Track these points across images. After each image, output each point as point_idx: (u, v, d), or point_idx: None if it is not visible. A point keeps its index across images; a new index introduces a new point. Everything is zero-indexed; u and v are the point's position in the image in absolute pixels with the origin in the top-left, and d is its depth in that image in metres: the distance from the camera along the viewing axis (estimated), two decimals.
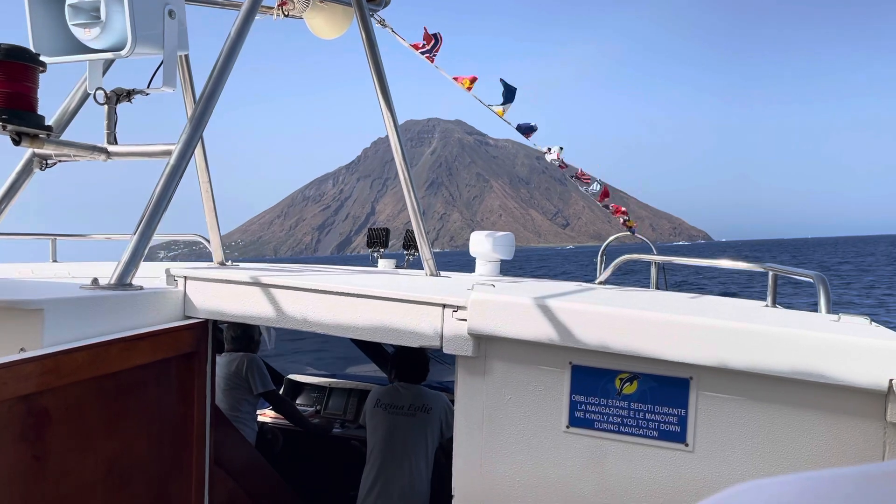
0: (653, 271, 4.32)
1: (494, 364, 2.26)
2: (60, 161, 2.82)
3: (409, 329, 2.32)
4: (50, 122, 2.68)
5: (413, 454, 4.02)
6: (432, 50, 3.96)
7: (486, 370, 2.26)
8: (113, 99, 2.75)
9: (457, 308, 2.25)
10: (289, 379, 6.00)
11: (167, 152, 2.59)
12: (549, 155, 3.97)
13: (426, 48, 3.97)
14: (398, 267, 4.24)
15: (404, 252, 4.32)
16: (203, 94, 2.67)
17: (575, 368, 2.15)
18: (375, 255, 4.36)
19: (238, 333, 4.67)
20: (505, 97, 3.81)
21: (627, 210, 4.81)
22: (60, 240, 4.85)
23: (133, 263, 2.44)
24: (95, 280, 2.36)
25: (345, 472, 4.89)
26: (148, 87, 2.73)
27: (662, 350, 2.00)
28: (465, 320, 2.23)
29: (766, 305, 2.71)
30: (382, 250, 4.37)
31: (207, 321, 2.59)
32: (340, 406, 5.66)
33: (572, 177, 4.18)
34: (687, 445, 2.04)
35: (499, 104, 3.85)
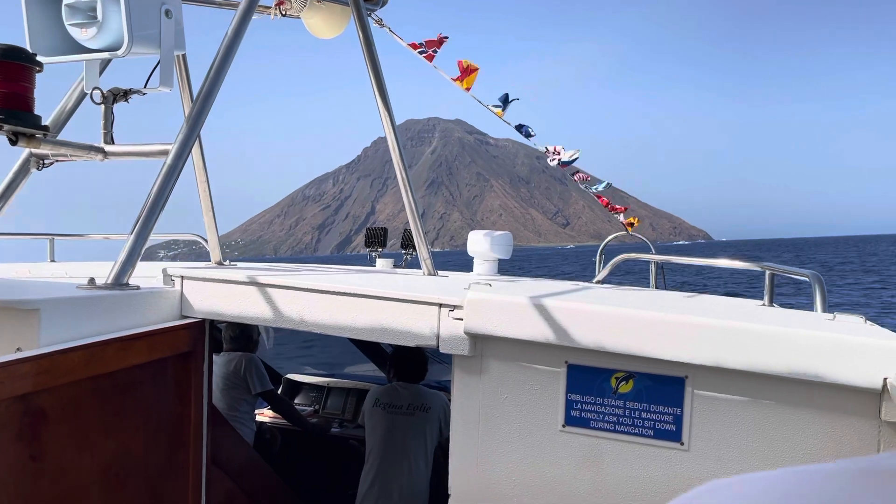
0: (652, 271, 4.32)
1: (491, 363, 2.26)
2: (57, 161, 2.82)
3: (406, 328, 2.32)
4: (47, 122, 2.68)
5: (412, 453, 4.02)
6: (432, 49, 3.95)
7: (483, 369, 2.27)
8: (110, 99, 2.75)
9: (453, 307, 2.25)
10: (287, 378, 6.00)
11: (164, 152, 2.59)
12: (551, 157, 3.97)
13: (425, 49, 3.96)
14: (396, 266, 4.25)
15: (402, 252, 4.32)
16: (200, 94, 2.67)
17: (571, 367, 2.16)
18: (373, 255, 4.37)
19: (236, 333, 4.66)
20: (503, 102, 3.82)
21: (627, 209, 4.80)
22: (60, 239, 4.85)
23: (130, 263, 2.44)
24: (92, 280, 2.36)
25: (343, 472, 4.89)
26: (145, 87, 2.73)
27: (658, 349, 2.00)
28: (462, 320, 2.23)
29: (763, 305, 2.71)
30: (381, 250, 4.38)
31: (204, 321, 2.59)
32: (339, 405, 5.66)
33: (573, 174, 4.17)
34: (682, 444, 2.04)
35: (496, 105, 3.85)
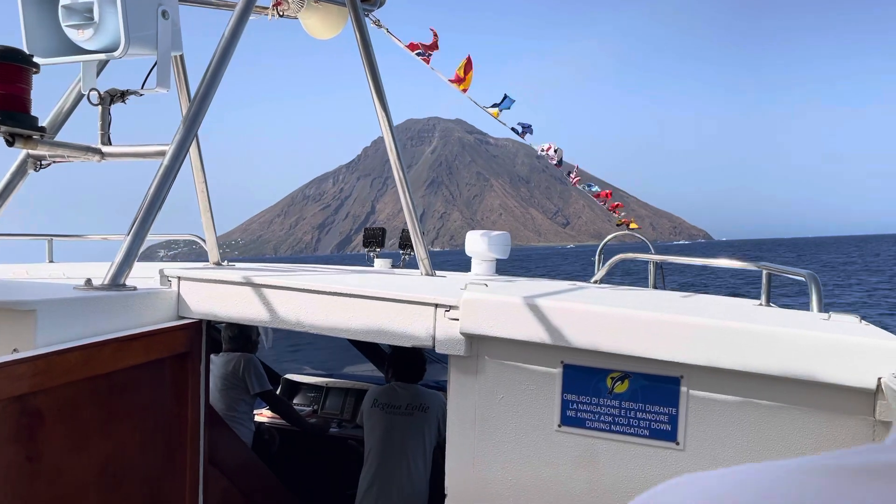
0: (650, 270, 4.32)
1: (487, 363, 2.26)
2: (55, 162, 2.82)
3: (402, 329, 2.32)
4: (44, 123, 2.68)
5: (411, 453, 4.02)
6: (428, 54, 3.95)
7: (479, 370, 2.27)
8: (107, 100, 2.75)
9: (449, 308, 2.25)
10: (286, 379, 6.00)
11: (161, 153, 2.60)
12: (548, 155, 3.97)
13: (422, 52, 3.96)
14: (394, 266, 4.25)
15: (400, 252, 4.32)
16: (197, 95, 2.68)
17: (567, 367, 2.16)
18: (371, 255, 4.37)
19: (235, 333, 4.67)
20: (503, 104, 3.82)
21: (625, 208, 4.80)
22: (61, 240, 4.85)
23: (126, 264, 2.44)
24: (89, 281, 2.37)
25: (342, 472, 4.89)
26: (142, 88, 2.73)
27: (653, 349, 2.00)
28: (458, 320, 2.23)
29: (760, 304, 2.72)
30: (378, 250, 4.39)
31: (201, 321, 2.60)
32: (337, 406, 5.65)
33: (568, 174, 4.18)
34: (678, 444, 2.04)
35: (492, 106, 3.85)
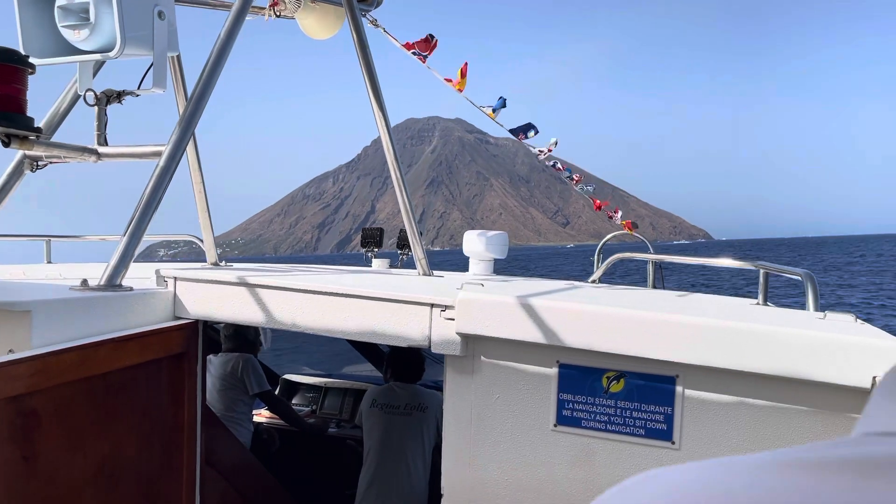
0: (649, 270, 4.31)
1: (483, 363, 2.26)
2: (51, 162, 2.83)
3: (398, 329, 2.32)
4: (40, 124, 2.69)
5: (410, 453, 4.01)
6: (428, 51, 3.96)
7: (475, 369, 2.27)
8: (103, 100, 2.75)
9: (445, 308, 2.25)
10: (284, 379, 5.99)
11: (157, 153, 2.60)
12: (544, 154, 3.97)
13: (418, 52, 3.97)
14: (392, 266, 4.25)
15: (398, 252, 4.32)
16: (193, 96, 2.68)
17: (562, 367, 2.16)
18: (369, 255, 4.37)
19: (234, 334, 4.66)
20: (497, 105, 3.83)
21: (624, 209, 4.81)
22: (59, 241, 4.85)
23: (123, 264, 2.44)
24: (85, 281, 2.37)
25: (341, 472, 4.89)
26: (138, 89, 2.73)
27: (648, 348, 2.00)
28: (453, 320, 2.23)
29: (758, 303, 2.71)
30: (376, 250, 4.38)
31: (197, 322, 2.60)
32: (336, 406, 5.65)
33: (568, 177, 4.18)
34: (673, 443, 2.04)
35: (488, 106, 3.86)
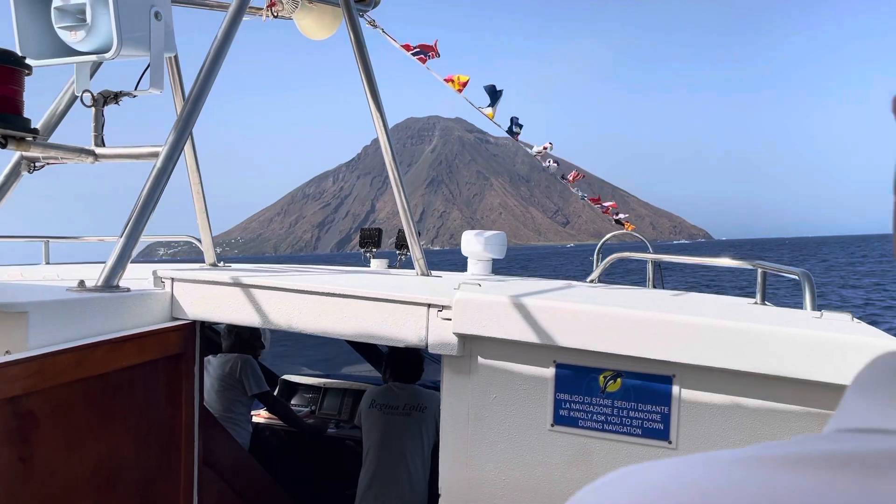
0: (648, 270, 4.31)
1: (480, 363, 2.26)
2: (49, 163, 2.83)
3: (395, 329, 2.32)
4: (37, 125, 2.68)
5: (409, 454, 4.01)
6: (427, 54, 3.96)
7: (472, 369, 2.27)
8: (100, 101, 2.75)
9: (442, 308, 2.25)
10: (283, 379, 5.99)
11: (155, 154, 2.60)
12: (539, 152, 3.97)
13: (418, 51, 3.97)
14: (391, 266, 4.25)
15: (397, 252, 4.32)
16: (190, 97, 2.68)
17: (559, 367, 2.16)
18: (368, 255, 4.37)
19: (232, 334, 4.66)
20: (491, 99, 3.82)
21: (624, 208, 4.81)
22: (58, 242, 4.85)
23: (120, 265, 2.44)
24: (82, 282, 2.37)
25: (340, 472, 4.89)
26: (135, 90, 2.73)
27: (645, 348, 2.00)
28: (450, 320, 2.23)
29: (755, 303, 2.71)
30: (375, 250, 4.38)
31: (195, 322, 2.60)
32: (335, 406, 5.64)
33: (563, 177, 4.18)
34: (670, 443, 2.04)
35: (487, 106, 3.86)
